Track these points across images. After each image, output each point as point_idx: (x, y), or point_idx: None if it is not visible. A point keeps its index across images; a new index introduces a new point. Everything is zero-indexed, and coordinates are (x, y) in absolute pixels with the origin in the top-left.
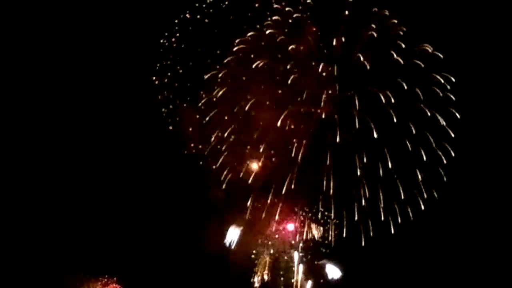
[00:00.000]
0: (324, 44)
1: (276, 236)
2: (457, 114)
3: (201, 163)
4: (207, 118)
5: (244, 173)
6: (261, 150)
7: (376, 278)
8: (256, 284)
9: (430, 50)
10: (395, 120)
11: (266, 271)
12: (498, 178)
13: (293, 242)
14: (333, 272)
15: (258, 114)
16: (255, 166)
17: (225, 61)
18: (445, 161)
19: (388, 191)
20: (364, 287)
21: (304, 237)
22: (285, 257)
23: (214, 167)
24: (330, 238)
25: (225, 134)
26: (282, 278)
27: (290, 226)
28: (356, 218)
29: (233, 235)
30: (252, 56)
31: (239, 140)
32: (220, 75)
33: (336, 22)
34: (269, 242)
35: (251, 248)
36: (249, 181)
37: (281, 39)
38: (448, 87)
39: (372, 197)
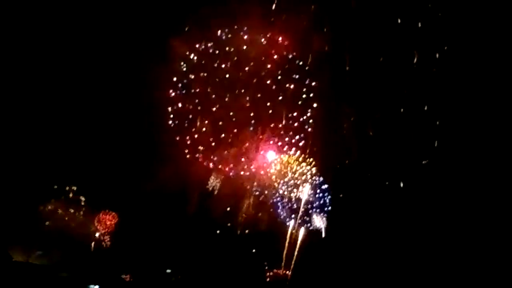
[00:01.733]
0: None
1: (261, 171)
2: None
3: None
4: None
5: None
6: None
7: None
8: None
9: None
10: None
11: (249, 212)
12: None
13: (274, 177)
14: (319, 220)
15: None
16: None
17: None
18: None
19: (377, 150)
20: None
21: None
22: (270, 195)
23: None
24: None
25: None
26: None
27: (271, 155)
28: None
29: (215, 181)
30: None
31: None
32: None
33: None
34: (254, 183)
35: (234, 192)
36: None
37: None
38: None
39: (360, 156)
